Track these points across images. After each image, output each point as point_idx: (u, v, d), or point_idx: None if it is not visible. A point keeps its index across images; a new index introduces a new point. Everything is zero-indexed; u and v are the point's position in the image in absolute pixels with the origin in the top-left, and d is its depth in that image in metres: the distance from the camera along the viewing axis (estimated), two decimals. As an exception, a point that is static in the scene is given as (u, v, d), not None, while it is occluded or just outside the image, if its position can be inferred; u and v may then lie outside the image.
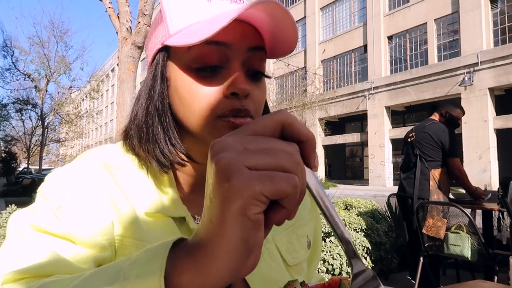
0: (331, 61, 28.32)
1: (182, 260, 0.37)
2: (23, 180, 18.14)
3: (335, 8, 28.25)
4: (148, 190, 0.67)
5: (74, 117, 27.19)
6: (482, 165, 18.32)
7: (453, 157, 3.61)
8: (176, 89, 0.64)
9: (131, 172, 0.68)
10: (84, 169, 0.66)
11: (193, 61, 0.62)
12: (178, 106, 0.65)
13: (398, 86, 22.85)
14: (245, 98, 0.62)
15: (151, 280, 0.36)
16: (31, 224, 0.58)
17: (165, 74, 0.66)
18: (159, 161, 0.65)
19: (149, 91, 0.67)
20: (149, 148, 0.66)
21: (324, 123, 26.83)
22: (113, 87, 66.42)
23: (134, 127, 0.69)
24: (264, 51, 0.65)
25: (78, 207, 0.61)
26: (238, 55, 0.62)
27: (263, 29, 0.62)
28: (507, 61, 17.62)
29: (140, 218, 0.64)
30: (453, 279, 4.01)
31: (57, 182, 0.64)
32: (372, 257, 4.16)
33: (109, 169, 0.67)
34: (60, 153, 50.36)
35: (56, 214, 0.59)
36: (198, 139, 0.65)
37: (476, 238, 3.09)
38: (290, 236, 0.77)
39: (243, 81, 0.61)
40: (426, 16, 21.99)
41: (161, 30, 0.66)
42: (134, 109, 0.70)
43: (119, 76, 4.81)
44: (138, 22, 4.76)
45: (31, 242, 0.56)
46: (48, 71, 23.53)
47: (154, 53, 0.68)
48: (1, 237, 3.67)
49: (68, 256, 0.56)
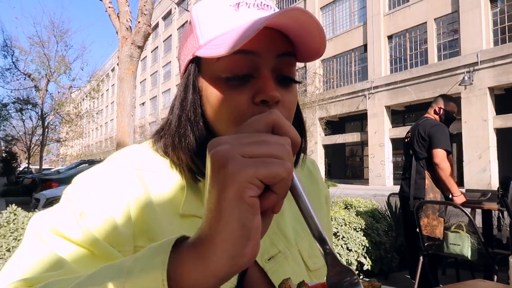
0: (331, 61, 28.33)
1: (184, 253, 0.39)
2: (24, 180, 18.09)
3: (335, 7, 28.26)
4: (180, 191, 0.67)
5: (74, 117, 27.16)
6: (482, 165, 18.32)
7: (436, 148, 3.47)
8: (207, 99, 0.65)
9: (163, 174, 0.68)
10: (113, 174, 0.66)
11: (222, 71, 0.62)
12: (210, 115, 0.65)
13: (398, 85, 22.85)
14: (276, 104, 0.61)
15: (154, 273, 0.38)
16: (51, 227, 0.59)
17: (197, 84, 0.67)
18: (192, 170, 0.66)
19: (181, 101, 0.68)
20: (182, 157, 0.66)
21: (324, 122, 26.83)
22: (113, 86, 66.51)
23: (168, 134, 0.69)
24: (293, 56, 0.65)
25: (101, 215, 0.60)
26: (267, 62, 0.61)
27: (290, 35, 0.62)
28: (507, 60, 17.61)
29: (171, 222, 0.64)
30: (452, 279, 4.01)
31: (84, 185, 0.64)
32: (372, 256, 4.17)
33: (139, 173, 0.67)
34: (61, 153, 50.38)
35: (78, 219, 0.59)
36: None
37: (476, 238, 3.09)
38: (311, 240, 0.77)
39: (273, 88, 0.60)
40: (426, 15, 21.99)
41: (192, 41, 0.67)
42: (168, 118, 0.71)
43: (119, 75, 4.81)
44: (138, 21, 4.76)
45: (46, 247, 0.56)
46: (48, 70, 23.52)
47: (186, 64, 0.68)
48: (1, 237, 3.68)
49: (81, 264, 0.56)
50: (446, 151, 3.45)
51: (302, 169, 0.89)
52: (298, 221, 0.78)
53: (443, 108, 3.68)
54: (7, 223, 3.90)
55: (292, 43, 0.64)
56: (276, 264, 0.69)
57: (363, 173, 28.02)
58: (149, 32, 4.82)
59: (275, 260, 0.69)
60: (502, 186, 3.35)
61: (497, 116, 18.44)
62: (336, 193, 7.85)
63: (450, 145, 3.48)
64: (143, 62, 57.17)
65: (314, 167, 0.94)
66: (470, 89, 18.87)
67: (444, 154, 3.44)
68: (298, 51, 0.65)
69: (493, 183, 17.31)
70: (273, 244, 0.71)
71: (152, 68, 56.62)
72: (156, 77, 55.05)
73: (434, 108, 3.73)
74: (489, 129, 18.25)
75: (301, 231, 0.77)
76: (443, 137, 3.49)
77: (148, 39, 4.94)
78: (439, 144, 3.46)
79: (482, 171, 18.27)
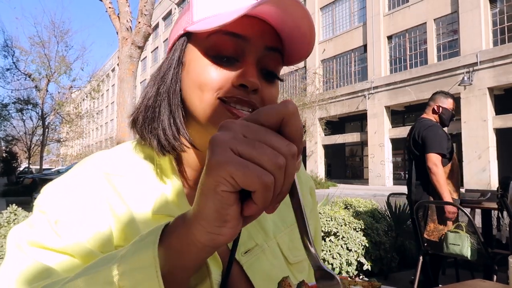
0: (331, 61, 28.32)
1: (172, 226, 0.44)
2: (24, 180, 18.10)
3: (335, 8, 28.26)
4: (151, 192, 0.67)
5: (74, 117, 27.19)
6: (481, 165, 18.33)
7: (428, 152, 3.37)
8: (188, 72, 0.65)
9: (132, 177, 0.68)
10: (83, 180, 0.65)
11: (210, 49, 0.63)
12: (187, 89, 0.66)
13: (398, 85, 22.86)
14: (254, 93, 0.63)
15: (146, 252, 0.42)
16: (28, 240, 0.58)
17: (182, 58, 0.67)
18: (160, 141, 0.66)
19: (163, 73, 0.68)
20: (152, 128, 0.67)
21: (324, 122, 26.85)
22: (113, 87, 66.47)
23: (142, 107, 0.69)
24: (280, 54, 0.66)
25: (76, 220, 0.60)
26: (254, 50, 0.63)
27: (282, 31, 0.64)
28: (506, 60, 17.62)
29: (143, 224, 0.64)
30: (452, 278, 4.02)
31: (55, 194, 0.63)
32: (371, 256, 4.17)
33: (108, 178, 0.66)
34: (61, 153, 50.40)
35: (54, 228, 0.59)
36: (200, 124, 0.66)
37: (475, 238, 3.10)
38: (291, 234, 0.77)
39: (254, 75, 0.62)
40: (426, 16, 22.00)
41: (185, 18, 0.68)
42: (145, 91, 0.71)
43: (119, 76, 4.81)
44: (138, 22, 4.76)
45: (29, 258, 0.56)
46: (49, 71, 23.55)
47: (175, 39, 0.69)
48: (1, 237, 3.68)
49: (67, 271, 0.56)
50: (440, 154, 3.36)
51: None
52: (278, 215, 0.77)
53: (441, 106, 3.57)
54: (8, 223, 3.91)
55: (282, 42, 0.65)
56: (252, 257, 0.68)
57: (363, 173, 28.02)
58: (149, 32, 4.83)
59: (251, 253, 0.69)
60: (501, 186, 3.34)
61: (496, 116, 18.45)
62: (336, 193, 7.86)
63: (444, 148, 3.37)
64: (143, 63, 57.16)
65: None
66: (470, 89, 18.88)
67: (438, 158, 3.35)
68: (286, 51, 0.66)
69: (492, 183, 17.32)
70: (251, 237, 0.71)
71: (152, 69, 56.54)
72: (156, 77, 55.02)
73: (433, 107, 3.62)
74: (488, 129, 18.25)
75: (281, 225, 0.77)
76: (436, 140, 3.39)
77: (148, 40, 4.94)
78: (432, 148, 3.36)
79: (482, 171, 18.28)
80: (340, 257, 3.89)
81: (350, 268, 3.89)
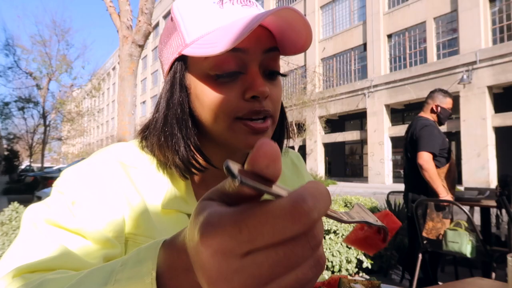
0: (331, 59, 28.31)
1: (172, 260, 0.36)
2: (26, 178, 18.13)
3: (335, 6, 28.23)
4: (163, 187, 0.69)
5: (75, 115, 27.14)
6: (480, 163, 18.35)
7: (420, 151, 3.38)
8: (197, 96, 0.65)
9: (146, 170, 0.70)
10: (101, 167, 0.67)
11: (211, 69, 0.63)
12: (200, 112, 0.66)
13: (398, 84, 22.86)
14: (265, 99, 0.64)
15: (142, 283, 0.36)
16: (45, 218, 0.60)
17: (184, 83, 0.67)
18: (179, 168, 0.67)
19: (167, 99, 0.68)
20: (168, 156, 0.67)
21: (324, 121, 26.86)
22: (114, 85, 66.40)
23: (153, 132, 0.69)
24: (277, 51, 0.67)
25: (92, 203, 0.62)
26: (255, 58, 0.63)
27: (277, 32, 0.65)
28: (505, 59, 17.62)
29: (154, 216, 0.66)
30: (451, 276, 4.04)
31: (74, 177, 0.65)
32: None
33: (125, 168, 0.68)
34: (62, 151, 50.39)
35: (71, 209, 0.61)
36: (218, 143, 0.67)
37: (474, 235, 3.12)
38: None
39: (262, 83, 0.63)
40: (425, 14, 21.98)
41: (176, 39, 0.67)
42: (153, 117, 0.71)
43: (120, 74, 4.83)
44: (138, 20, 4.77)
45: (43, 235, 0.58)
46: (50, 69, 23.49)
47: (171, 62, 0.69)
48: (3, 235, 3.70)
49: (78, 251, 0.57)
50: (431, 153, 3.38)
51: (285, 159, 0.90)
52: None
53: (440, 106, 3.56)
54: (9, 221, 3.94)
55: (275, 38, 0.66)
56: None
57: (363, 171, 28.04)
58: (149, 31, 4.84)
59: None
60: (500, 184, 3.37)
61: (495, 114, 18.46)
62: (335, 191, 7.88)
63: (436, 148, 3.40)
64: (143, 61, 57.08)
65: (299, 159, 0.96)
66: (469, 88, 18.89)
67: (429, 156, 3.36)
68: (282, 46, 0.68)
69: (491, 181, 17.36)
70: None
71: (152, 67, 56.51)
72: (156, 76, 54.97)
73: (431, 106, 3.61)
74: (487, 128, 18.27)
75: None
76: (430, 139, 3.41)
77: (148, 38, 4.95)
78: (423, 147, 3.39)
79: (481, 169, 18.30)
80: (339, 255, 3.91)
81: (349, 266, 3.91)
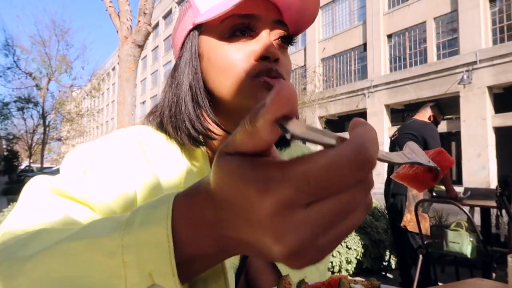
0: (331, 60, 28.31)
1: (191, 214, 0.33)
2: (25, 178, 18.19)
3: (335, 6, 28.23)
4: (179, 164, 0.69)
5: (75, 116, 27.16)
6: (480, 163, 18.34)
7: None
8: (210, 61, 0.68)
9: (162, 147, 0.70)
10: (116, 142, 0.68)
11: (225, 32, 0.67)
12: (213, 76, 0.68)
13: (398, 84, 22.85)
14: (275, 62, 0.66)
15: (156, 228, 0.33)
16: (51, 186, 0.57)
17: (198, 51, 0.70)
18: (191, 135, 0.68)
19: (182, 69, 0.70)
20: (179, 124, 0.68)
21: (324, 121, 26.83)
22: (114, 85, 66.37)
23: (164, 106, 0.71)
24: (286, 26, 0.70)
25: (104, 175, 0.61)
26: (266, 25, 0.67)
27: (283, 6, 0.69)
28: (505, 59, 17.60)
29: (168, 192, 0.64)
30: (452, 276, 4.03)
31: (88, 149, 0.65)
32: (371, 254, 4.19)
33: (140, 144, 0.68)
34: (62, 152, 50.35)
35: (81, 176, 0.60)
36: (234, 105, 0.67)
37: (474, 236, 3.12)
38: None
39: (272, 45, 0.66)
40: (425, 14, 21.98)
41: (190, 14, 0.71)
42: (164, 92, 0.72)
43: (120, 74, 4.83)
44: (138, 21, 4.78)
45: (45, 203, 0.54)
46: (49, 69, 23.55)
47: (185, 35, 0.71)
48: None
49: (81, 221, 0.54)
50: None
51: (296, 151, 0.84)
52: None
53: (435, 117, 3.88)
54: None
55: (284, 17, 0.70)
56: None
57: (363, 172, 28.02)
58: (149, 31, 4.84)
59: None
60: (500, 184, 3.37)
61: (496, 114, 18.45)
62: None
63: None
64: (143, 61, 57.08)
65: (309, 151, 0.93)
66: (469, 88, 18.88)
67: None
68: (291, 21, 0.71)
69: (491, 181, 17.34)
70: None
71: (152, 67, 56.53)
72: (156, 76, 54.96)
73: (430, 115, 3.87)
74: (488, 128, 18.27)
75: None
76: (438, 138, 3.63)
77: (148, 38, 4.95)
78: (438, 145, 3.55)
79: (481, 169, 18.29)
80: (339, 255, 3.91)
81: (349, 266, 3.91)
